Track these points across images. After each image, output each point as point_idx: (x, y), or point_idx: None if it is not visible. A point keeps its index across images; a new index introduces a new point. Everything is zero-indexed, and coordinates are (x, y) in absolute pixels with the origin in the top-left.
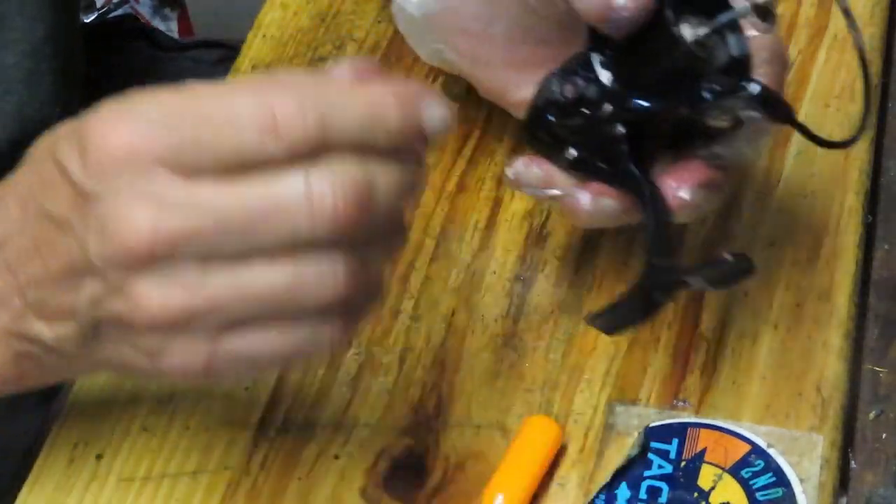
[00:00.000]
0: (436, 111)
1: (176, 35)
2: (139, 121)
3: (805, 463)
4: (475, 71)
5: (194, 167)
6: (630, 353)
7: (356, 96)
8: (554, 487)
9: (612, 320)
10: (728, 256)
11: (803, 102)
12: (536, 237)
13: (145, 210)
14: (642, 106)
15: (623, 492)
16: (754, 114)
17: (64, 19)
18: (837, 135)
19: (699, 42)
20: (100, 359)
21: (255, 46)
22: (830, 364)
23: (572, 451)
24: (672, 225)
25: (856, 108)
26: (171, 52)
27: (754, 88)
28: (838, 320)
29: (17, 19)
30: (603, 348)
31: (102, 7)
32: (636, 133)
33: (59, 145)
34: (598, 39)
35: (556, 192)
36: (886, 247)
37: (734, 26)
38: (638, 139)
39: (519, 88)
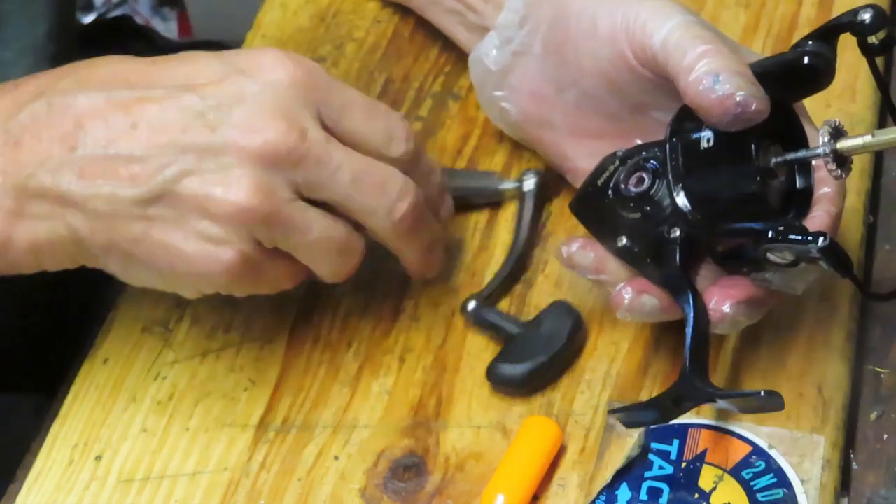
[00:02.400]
0: None
1: (175, 35)
2: (318, 70)
3: (806, 464)
4: (539, 134)
5: (336, 128)
6: (630, 353)
7: None
8: (554, 488)
9: (632, 418)
10: (762, 393)
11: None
12: (537, 237)
13: (291, 128)
14: (710, 229)
15: (624, 492)
16: (820, 263)
17: (63, 20)
18: None
19: (770, 169)
20: (132, 235)
21: (254, 46)
22: (832, 365)
23: (572, 451)
24: (710, 337)
25: (856, 108)
26: (168, 53)
27: (824, 242)
28: (839, 321)
29: (18, 17)
30: (603, 349)
31: (101, 7)
32: (689, 239)
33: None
34: (679, 135)
35: (604, 278)
36: (888, 247)
37: (804, 163)
38: (689, 245)
39: (580, 158)
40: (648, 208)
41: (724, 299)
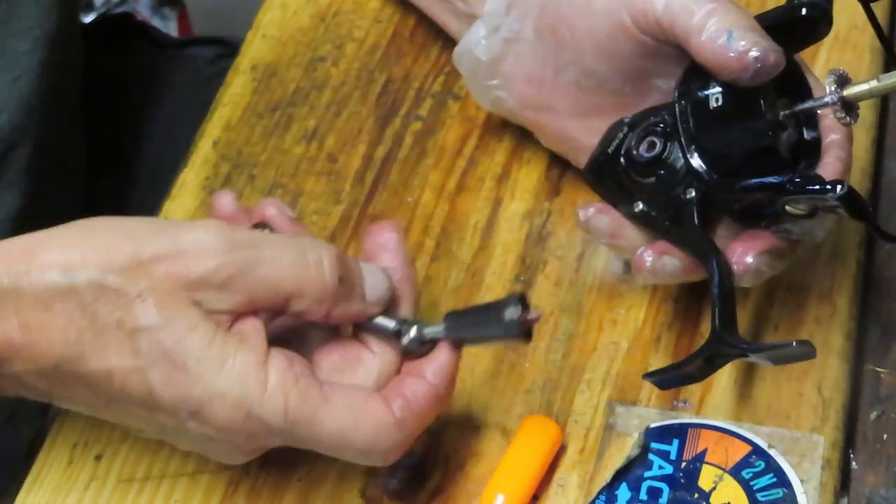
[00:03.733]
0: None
1: (175, 35)
2: (268, 433)
3: (806, 463)
4: (538, 117)
5: None
6: (630, 353)
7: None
8: (554, 488)
9: (667, 379)
10: (794, 343)
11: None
12: (536, 237)
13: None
14: (726, 187)
15: (623, 492)
16: (838, 211)
17: (71, 13)
18: None
19: (779, 122)
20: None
21: (254, 46)
22: (831, 364)
23: (572, 451)
24: (736, 293)
25: None
26: (168, 50)
27: (842, 190)
28: (839, 321)
29: (33, 8)
30: (603, 349)
31: (101, 7)
32: (705, 199)
33: (166, 400)
34: (688, 97)
35: (620, 243)
36: (888, 247)
37: (810, 114)
38: (706, 205)
39: (583, 136)
40: (662, 171)
41: (746, 251)
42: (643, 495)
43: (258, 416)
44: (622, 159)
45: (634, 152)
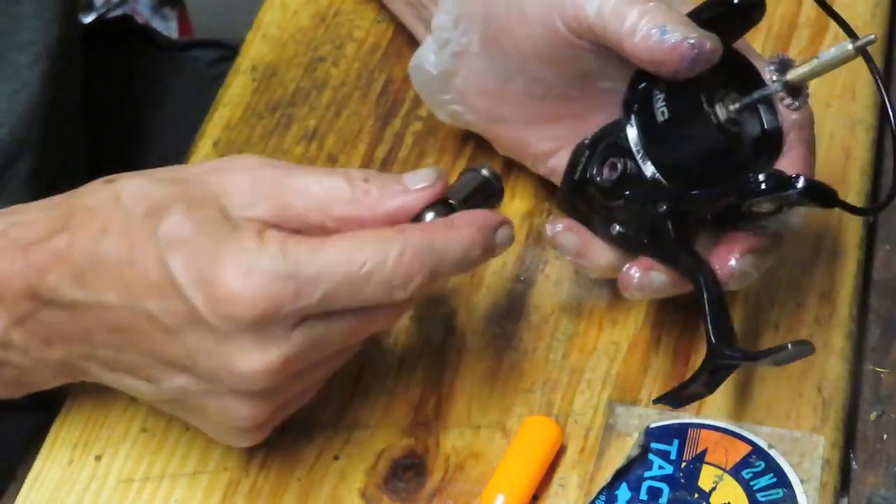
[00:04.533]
0: (506, 235)
1: (175, 35)
2: (270, 281)
3: (806, 464)
4: (494, 128)
5: (312, 314)
6: (630, 353)
7: (454, 243)
8: (554, 488)
9: (678, 398)
10: (790, 346)
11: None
12: (536, 237)
13: (264, 356)
14: (691, 198)
15: (623, 492)
16: (804, 203)
17: (71, 22)
18: (838, 133)
19: (731, 119)
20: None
21: (254, 46)
22: (831, 364)
23: (572, 451)
24: (726, 299)
25: (856, 107)
26: (169, 52)
27: (802, 183)
28: (839, 321)
29: (34, 21)
30: (603, 349)
31: (101, 7)
32: (676, 211)
33: (176, 269)
34: (635, 114)
35: (584, 262)
36: (887, 247)
37: (767, 102)
38: (679, 216)
39: (539, 143)
40: (629, 192)
41: (728, 256)
42: (643, 495)
43: (262, 268)
44: (589, 186)
45: (599, 178)
